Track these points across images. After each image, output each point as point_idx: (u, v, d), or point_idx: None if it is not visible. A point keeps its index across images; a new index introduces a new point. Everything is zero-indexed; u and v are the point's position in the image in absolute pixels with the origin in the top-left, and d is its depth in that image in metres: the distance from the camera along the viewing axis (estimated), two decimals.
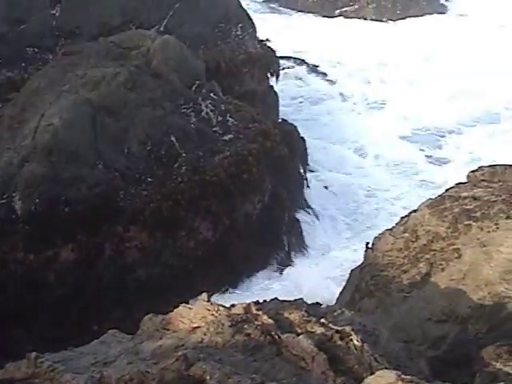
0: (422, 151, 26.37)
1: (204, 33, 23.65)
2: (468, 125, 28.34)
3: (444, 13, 43.11)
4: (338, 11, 42.41)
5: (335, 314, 8.22)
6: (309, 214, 21.05)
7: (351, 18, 41.71)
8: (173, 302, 8.49)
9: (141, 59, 19.29)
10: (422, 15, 41.68)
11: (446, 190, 12.34)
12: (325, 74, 32.96)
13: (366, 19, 41.41)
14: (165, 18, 23.13)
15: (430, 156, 26.10)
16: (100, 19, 22.46)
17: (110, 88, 18.01)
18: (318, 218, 20.95)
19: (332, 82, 32.23)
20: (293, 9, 43.57)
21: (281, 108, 25.67)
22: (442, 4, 43.96)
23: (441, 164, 25.35)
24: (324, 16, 42.21)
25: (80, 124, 17.18)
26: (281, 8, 44.24)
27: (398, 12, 41.41)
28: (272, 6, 44.77)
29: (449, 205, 11.59)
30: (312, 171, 23.15)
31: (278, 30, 35.95)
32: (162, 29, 22.68)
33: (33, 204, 15.92)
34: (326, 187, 22.77)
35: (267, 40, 26.77)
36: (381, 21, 41.03)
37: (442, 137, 27.53)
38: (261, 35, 26.32)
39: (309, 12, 42.87)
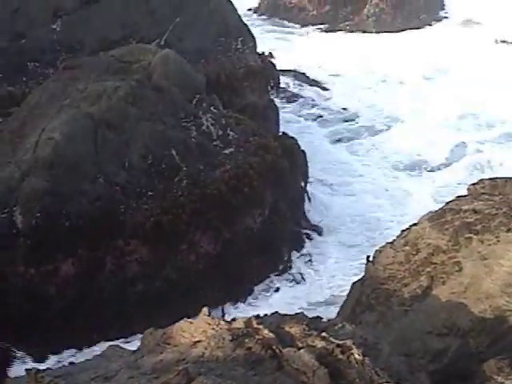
0: (432, 172, 25.82)
1: (204, 47, 23.71)
2: (484, 143, 27.51)
3: (443, 22, 43.09)
4: (338, 25, 42.50)
5: (336, 327, 8.21)
6: (309, 227, 21.06)
7: (352, 31, 41.77)
8: (173, 316, 8.49)
9: (141, 73, 19.32)
10: (422, 27, 41.69)
11: (447, 203, 12.34)
12: (326, 89, 32.72)
13: (365, 32, 41.40)
14: (165, 32, 23.18)
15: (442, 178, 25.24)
16: (101, 34, 22.51)
17: (111, 102, 18.04)
18: (317, 232, 20.94)
19: (334, 100, 31.93)
20: (295, 22, 43.57)
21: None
22: (442, 15, 43.99)
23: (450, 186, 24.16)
24: (324, 30, 42.28)
25: (81, 138, 17.22)
26: (281, 21, 44.23)
27: (398, 25, 41.46)
28: (272, 19, 44.81)
29: (449, 218, 11.59)
30: (313, 184, 23.10)
31: (277, 44, 36.02)
32: (162, 43, 22.72)
33: (33, 218, 15.93)
34: (326, 203, 22.68)
35: (270, 55, 26.82)
36: (381, 32, 40.93)
37: (458, 157, 26.64)
38: (262, 49, 26.41)
39: (309, 25, 42.97)
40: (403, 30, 41.06)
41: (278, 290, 18.61)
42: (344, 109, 30.85)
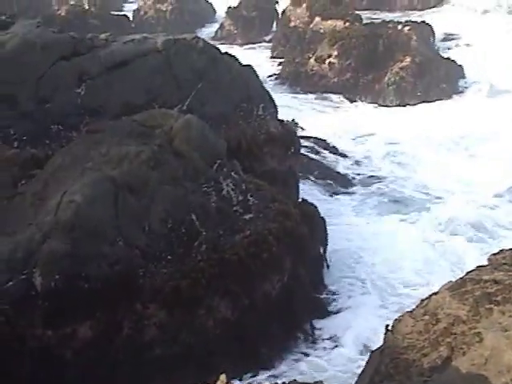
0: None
1: (226, 112, 23.93)
2: None
3: (464, 93, 43.19)
4: (359, 92, 42.97)
5: None
6: (328, 294, 21.00)
7: (373, 99, 42.16)
8: (191, 382, 8.46)
9: (163, 138, 19.51)
10: (443, 98, 41.80)
11: (467, 273, 12.30)
12: (347, 157, 32.81)
13: (385, 101, 41.74)
14: (188, 97, 23.45)
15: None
16: (124, 98, 22.77)
17: (133, 166, 18.19)
18: (336, 299, 20.88)
19: (355, 168, 31.90)
20: (316, 89, 44.01)
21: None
22: (463, 85, 44.17)
23: None
24: (345, 97, 42.70)
25: (102, 201, 17.31)
26: (302, 88, 44.71)
27: (419, 94, 41.74)
28: (293, 86, 45.34)
29: (470, 288, 11.54)
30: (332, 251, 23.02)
31: (297, 111, 36.31)
32: (184, 108, 22.97)
33: (53, 280, 15.95)
34: (345, 270, 22.58)
35: (292, 121, 27.00)
36: (401, 105, 41.18)
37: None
38: (282, 115, 26.65)
39: (330, 92, 43.45)
40: (425, 102, 41.16)
41: (296, 356, 18.48)
42: (369, 177, 30.97)
